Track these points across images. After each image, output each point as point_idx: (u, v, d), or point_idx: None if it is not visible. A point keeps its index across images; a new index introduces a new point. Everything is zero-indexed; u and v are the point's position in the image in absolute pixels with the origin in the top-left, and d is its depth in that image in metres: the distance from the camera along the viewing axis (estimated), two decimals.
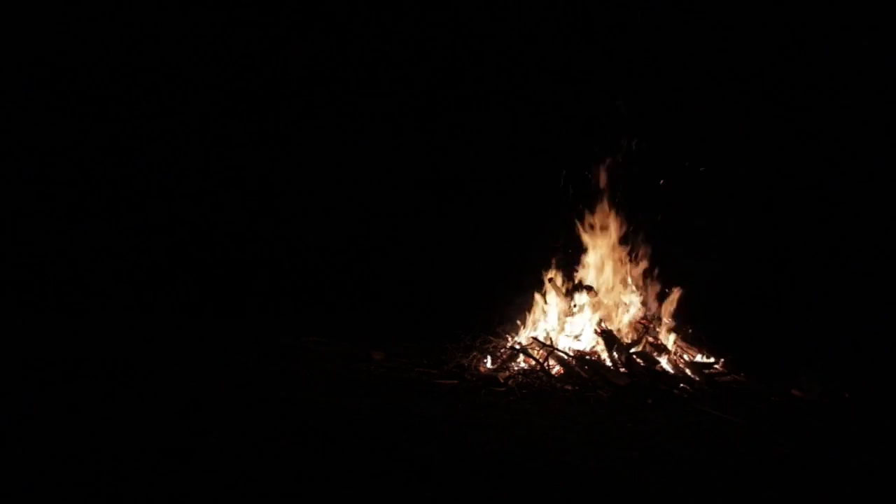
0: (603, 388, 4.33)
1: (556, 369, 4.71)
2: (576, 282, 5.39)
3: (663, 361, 4.73)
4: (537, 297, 5.43)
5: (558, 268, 5.48)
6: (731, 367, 4.89)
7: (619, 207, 5.55)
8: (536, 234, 5.84)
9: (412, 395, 4.12)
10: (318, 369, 4.71)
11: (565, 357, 4.78)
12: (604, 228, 5.51)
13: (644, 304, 5.33)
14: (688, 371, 4.71)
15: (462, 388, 4.44)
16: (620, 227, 5.50)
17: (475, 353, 5.08)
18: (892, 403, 4.51)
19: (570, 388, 4.37)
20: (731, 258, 6.20)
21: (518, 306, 5.53)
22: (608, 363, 4.72)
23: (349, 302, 7.80)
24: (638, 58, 6.43)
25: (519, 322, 5.46)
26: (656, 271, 5.47)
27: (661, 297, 5.38)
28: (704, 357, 5.00)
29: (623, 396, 4.21)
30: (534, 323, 5.35)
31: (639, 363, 4.67)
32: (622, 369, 4.66)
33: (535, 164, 6.91)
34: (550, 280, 5.39)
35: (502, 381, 4.45)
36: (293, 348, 5.37)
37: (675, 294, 5.23)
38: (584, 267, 5.50)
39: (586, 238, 5.53)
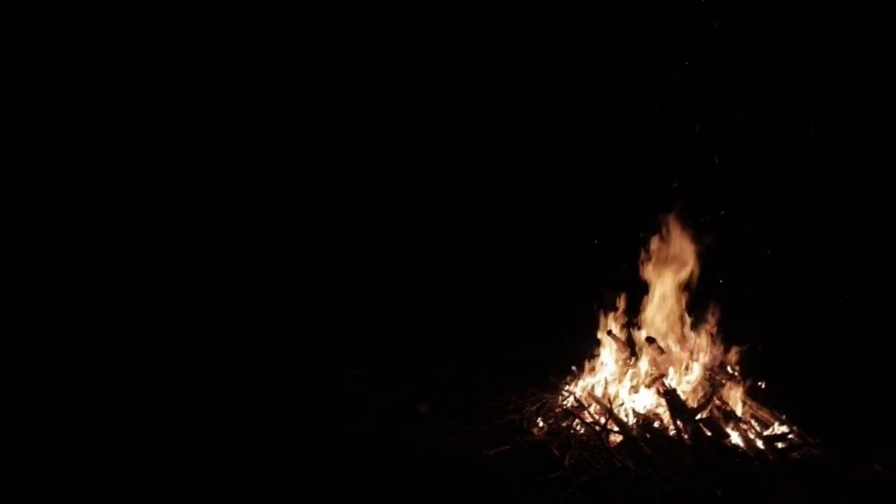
0: (667, 471, 4.00)
1: (615, 436, 4.39)
2: (637, 332, 5.01)
3: (733, 434, 4.36)
4: (595, 346, 5.08)
5: (617, 313, 5.10)
6: (805, 435, 4.50)
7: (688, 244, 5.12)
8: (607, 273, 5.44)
9: (457, 478, 3.88)
10: (353, 431, 4.45)
11: (625, 423, 4.45)
12: (668, 268, 5.10)
13: (711, 354, 4.94)
14: (759, 444, 4.34)
15: (514, 459, 4.17)
16: (687, 266, 5.08)
17: (528, 408, 4.80)
18: None
19: (632, 467, 4.05)
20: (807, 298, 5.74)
21: (575, 351, 5.21)
22: (671, 432, 4.38)
23: (396, 307, 7.47)
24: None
25: (575, 368, 5.13)
26: (724, 317, 5.06)
27: (730, 347, 4.99)
28: (776, 422, 4.62)
29: (689, 485, 3.87)
30: (591, 374, 5.01)
31: (706, 434, 4.32)
32: (687, 438, 4.32)
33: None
34: (609, 332, 5.02)
35: (557, 454, 4.14)
36: (326, 393, 5.09)
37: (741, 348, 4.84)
38: (645, 314, 5.10)
39: (649, 280, 5.12)
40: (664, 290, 5.04)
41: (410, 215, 8.19)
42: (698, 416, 4.45)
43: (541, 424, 4.63)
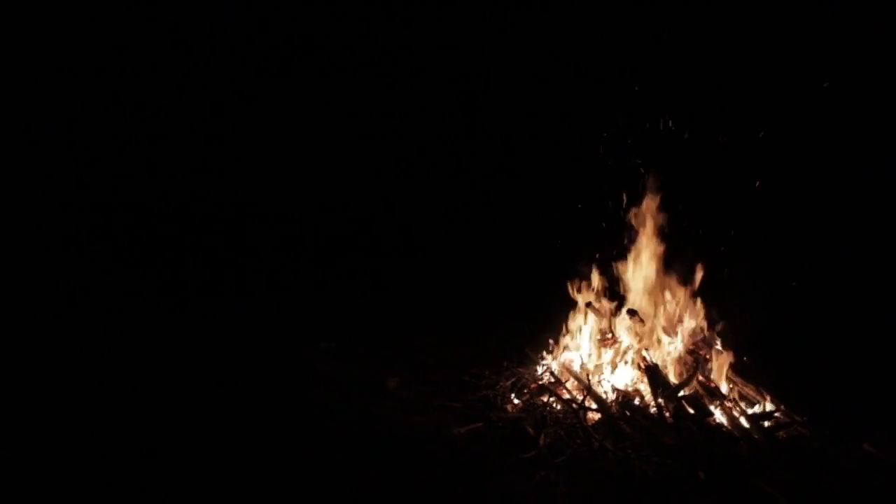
0: (647, 451, 3.77)
1: (593, 414, 4.16)
2: (617, 303, 4.78)
3: (716, 412, 4.14)
4: (572, 318, 4.84)
5: (597, 283, 4.86)
6: (792, 413, 4.30)
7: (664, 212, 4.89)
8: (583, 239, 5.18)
9: (426, 457, 3.64)
10: (320, 408, 4.20)
11: (604, 399, 4.22)
12: (648, 237, 4.86)
13: (695, 329, 4.71)
14: (744, 423, 4.12)
15: (486, 437, 3.94)
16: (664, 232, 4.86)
17: (502, 383, 4.56)
18: None
19: (610, 447, 3.81)
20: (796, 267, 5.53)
21: (551, 323, 4.97)
22: (653, 408, 4.16)
23: (372, 283, 7.22)
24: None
25: (552, 342, 4.89)
26: (707, 285, 4.84)
27: (713, 319, 4.77)
28: (762, 399, 4.41)
29: (670, 466, 3.65)
30: (568, 348, 4.77)
31: (688, 412, 4.10)
32: (668, 416, 4.10)
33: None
34: (589, 304, 4.78)
35: (532, 433, 3.91)
36: (296, 364, 4.86)
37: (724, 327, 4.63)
38: (626, 284, 4.86)
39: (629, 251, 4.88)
40: (647, 261, 4.79)
41: (386, 201, 8.01)
42: (681, 393, 4.23)
43: (515, 401, 4.41)
